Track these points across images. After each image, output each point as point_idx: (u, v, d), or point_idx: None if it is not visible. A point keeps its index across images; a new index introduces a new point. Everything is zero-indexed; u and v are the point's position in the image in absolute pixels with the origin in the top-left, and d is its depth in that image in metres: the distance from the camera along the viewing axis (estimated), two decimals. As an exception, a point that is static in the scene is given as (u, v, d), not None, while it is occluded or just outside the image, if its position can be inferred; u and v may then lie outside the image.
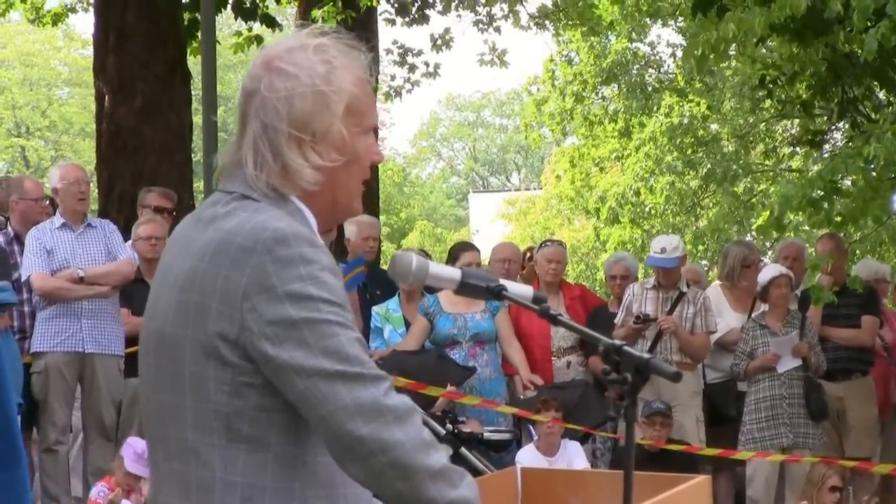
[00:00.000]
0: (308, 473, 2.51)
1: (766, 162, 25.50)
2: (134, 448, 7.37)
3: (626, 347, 2.67)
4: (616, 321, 9.16)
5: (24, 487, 3.25)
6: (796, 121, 19.99)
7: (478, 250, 9.62)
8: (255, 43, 15.11)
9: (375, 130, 2.81)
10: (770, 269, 9.27)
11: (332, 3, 14.65)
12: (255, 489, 2.46)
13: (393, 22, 16.68)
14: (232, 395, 2.46)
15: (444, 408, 8.09)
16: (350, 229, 9.58)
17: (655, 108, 24.89)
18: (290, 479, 2.49)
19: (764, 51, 13.05)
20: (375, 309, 9.16)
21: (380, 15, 16.14)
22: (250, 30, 15.01)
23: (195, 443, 2.49)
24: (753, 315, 9.34)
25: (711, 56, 8.98)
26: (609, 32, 23.83)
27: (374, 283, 9.73)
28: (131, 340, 8.23)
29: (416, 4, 16.71)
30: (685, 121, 24.25)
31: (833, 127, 18.33)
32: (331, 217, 2.71)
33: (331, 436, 2.44)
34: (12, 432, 3.26)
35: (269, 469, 2.47)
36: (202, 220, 2.62)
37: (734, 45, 10.19)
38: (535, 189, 47.65)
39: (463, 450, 6.58)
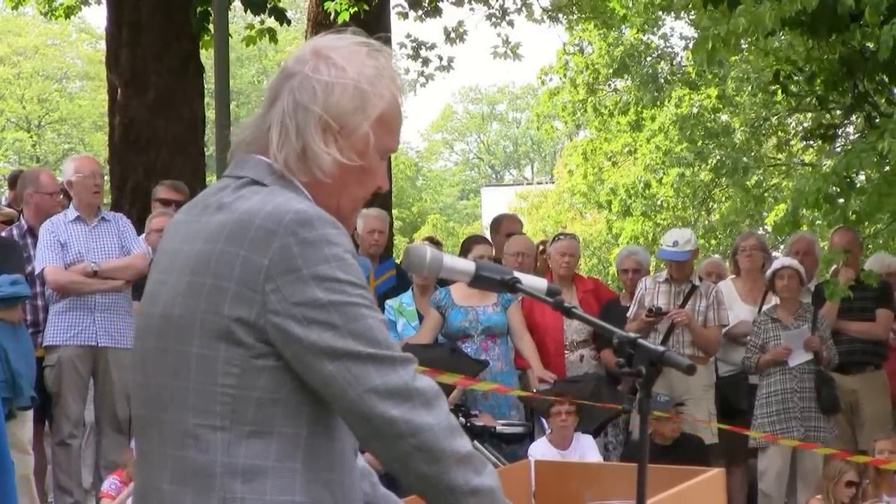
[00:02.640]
0: (310, 456, 2.50)
1: (779, 156, 25.46)
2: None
3: (641, 340, 2.66)
4: (628, 315, 9.16)
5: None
6: (809, 114, 19.95)
7: (490, 244, 9.63)
8: (268, 36, 15.08)
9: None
10: (777, 261, 9.29)
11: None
12: (257, 470, 2.45)
13: (406, 15, 16.65)
14: (241, 376, 2.45)
15: (457, 401, 8.10)
16: (357, 222, 9.60)
17: (667, 100, 24.85)
18: (292, 459, 2.48)
19: (777, 44, 13.01)
20: (389, 302, 9.16)
21: (392, 9, 16.11)
22: (262, 22, 14.99)
23: (196, 426, 2.47)
24: (765, 308, 9.34)
25: (724, 51, 8.97)
26: (622, 25, 23.79)
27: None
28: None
29: (428, -3, 16.68)
30: (695, 110, 24.21)
31: (846, 121, 18.29)
32: None
33: (359, 418, 2.45)
34: None
35: (271, 450, 2.46)
36: (209, 206, 2.60)
37: (746, 38, 10.16)
38: (547, 184, 47.64)
39: (476, 443, 6.58)
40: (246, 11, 14.76)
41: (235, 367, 2.46)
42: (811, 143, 20.53)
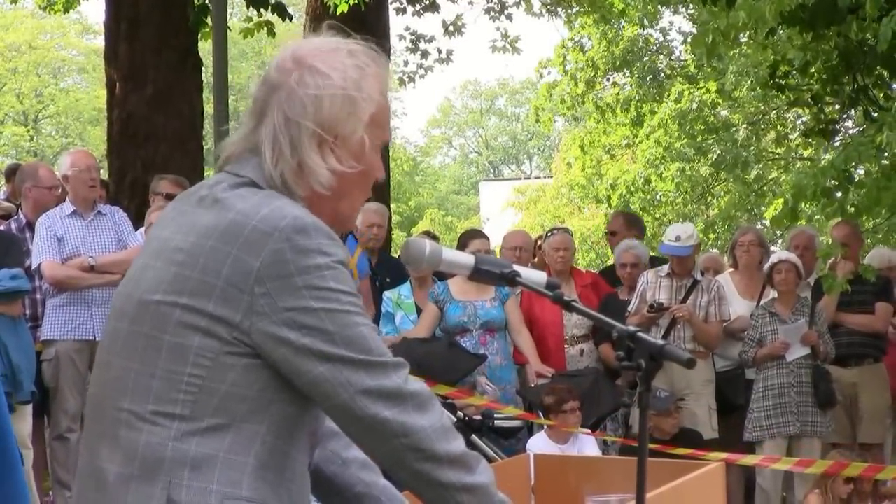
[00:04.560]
0: (264, 454, 2.50)
1: (778, 150, 25.44)
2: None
3: (641, 334, 2.66)
4: (629, 309, 9.15)
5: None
6: (807, 109, 19.91)
7: (487, 238, 9.61)
8: (266, 29, 15.06)
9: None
10: (775, 255, 9.29)
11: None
12: (207, 459, 2.45)
13: (404, 11, 16.63)
14: (211, 368, 2.45)
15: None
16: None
17: (666, 95, 24.84)
18: (245, 454, 2.47)
19: (775, 38, 13.02)
20: (387, 294, 9.16)
21: (390, 4, 16.09)
22: (261, 15, 14.97)
23: (153, 412, 2.46)
24: (762, 302, 9.34)
25: (723, 45, 8.98)
26: (621, 20, 23.77)
27: (383, 271, 9.73)
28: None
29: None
30: (695, 106, 24.19)
31: (845, 116, 18.28)
32: (329, 225, 2.66)
33: (350, 417, 2.47)
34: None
35: (226, 442, 2.46)
36: (204, 199, 2.59)
37: (745, 33, 10.17)
38: (545, 178, 47.53)
39: (474, 437, 6.58)
40: (248, 7, 14.73)
41: (207, 360, 2.46)
42: (809, 139, 20.54)
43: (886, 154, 8.75)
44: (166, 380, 2.47)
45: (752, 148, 24.16)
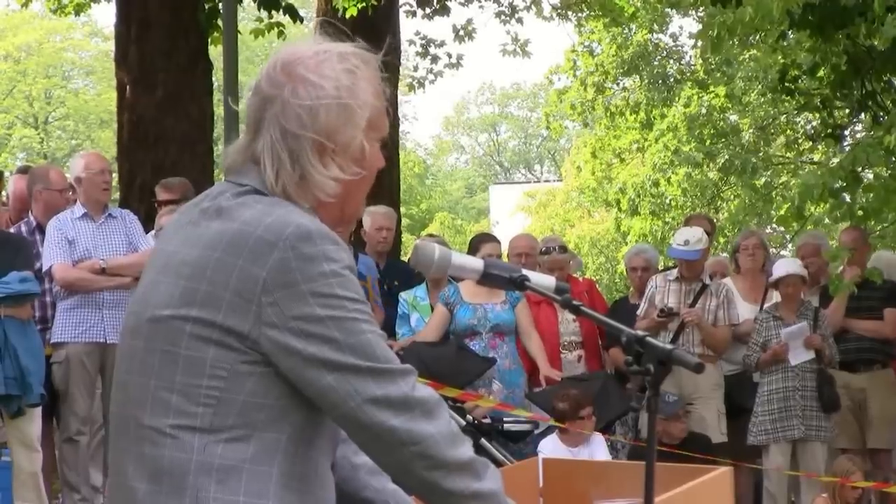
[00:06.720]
0: (286, 462, 2.50)
1: (787, 154, 25.42)
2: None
3: (649, 338, 2.66)
4: (639, 313, 9.15)
5: None
6: (817, 113, 19.87)
7: (498, 242, 9.59)
8: (276, 29, 15.07)
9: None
10: (783, 266, 9.22)
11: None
12: (231, 470, 2.45)
13: (414, 14, 16.63)
14: (228, 379, 2.46)
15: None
16: (364, 220, 9.58)
17: (676, 100, 24.85)
18: (268, 463, 2.48)
19: (784, 42, 13.02)
20: (403, 296, 9.16)
21: (401, 7, 16.09)
22: (271, 17, 14.96)
23: (174, 426, 2.46)
24: (766, 306, 9.33)
25: (729, 40, 8.98)
26: (631, 23, 23.77)
27: (392, 275, 9.72)
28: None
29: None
30: (704, 110, 24.19)
31: (854, 119, 18.25)
32: (334, 227, 2.66)
33: (358, 426, 2.47)
34: None
35: (248, 452, 2.46)
36: (207, 210, 2.59)
37: (756, 34, 10.17)
38: (555, 182, 47.52)
39: (483, 441, 6.57)
40: (259, 9, 14.74)
41: (223, 371, 2.46)
42: (818, 144, 20.51)
43: (895, 158, 8.75)
44: (184, 393, 2.47)
45: (761, 153, 24.16)
